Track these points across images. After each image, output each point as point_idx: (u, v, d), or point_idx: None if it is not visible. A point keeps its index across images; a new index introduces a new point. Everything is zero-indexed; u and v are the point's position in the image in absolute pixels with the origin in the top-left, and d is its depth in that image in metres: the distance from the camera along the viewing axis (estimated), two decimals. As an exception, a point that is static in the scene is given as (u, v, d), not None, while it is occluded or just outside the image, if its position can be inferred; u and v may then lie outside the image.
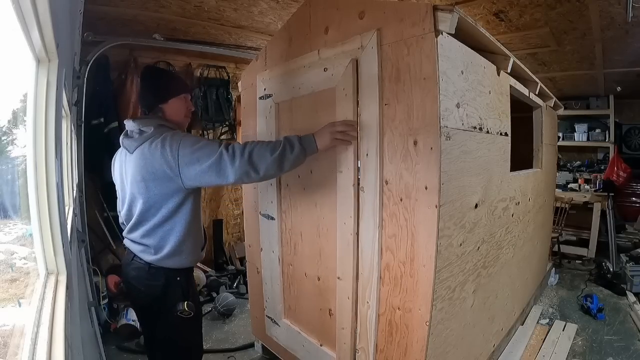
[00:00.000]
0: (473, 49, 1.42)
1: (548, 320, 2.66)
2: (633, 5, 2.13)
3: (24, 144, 0.99)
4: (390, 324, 1.37)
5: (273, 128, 1.83)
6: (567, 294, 3.17)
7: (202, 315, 1.55)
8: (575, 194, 4.28)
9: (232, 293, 3.07)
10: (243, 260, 3.75)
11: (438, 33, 1.14)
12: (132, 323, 2.42)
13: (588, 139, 4.80)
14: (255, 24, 2.80)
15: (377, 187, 1.35)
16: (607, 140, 4.65)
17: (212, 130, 3.70)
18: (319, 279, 1.67)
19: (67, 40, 1.34)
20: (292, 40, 1.73)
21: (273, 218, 1.90)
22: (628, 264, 3.17)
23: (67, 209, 1.66)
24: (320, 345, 1.70)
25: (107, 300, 2.66)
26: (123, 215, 1.40)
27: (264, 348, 2.22)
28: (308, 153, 1.31)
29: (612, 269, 3.39)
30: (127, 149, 1.31)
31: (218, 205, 3.93)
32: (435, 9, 1.13)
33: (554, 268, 3.56)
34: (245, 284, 3.02)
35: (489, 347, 1.94)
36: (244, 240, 2.35)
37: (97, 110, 2.76)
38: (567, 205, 3.94)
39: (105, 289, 2.67)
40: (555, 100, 2.89)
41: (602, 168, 4.68)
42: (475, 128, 1.45)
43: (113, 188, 1.49)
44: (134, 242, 1.34)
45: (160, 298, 1.31)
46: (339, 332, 1.57)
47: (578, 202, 4.17)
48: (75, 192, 2.12)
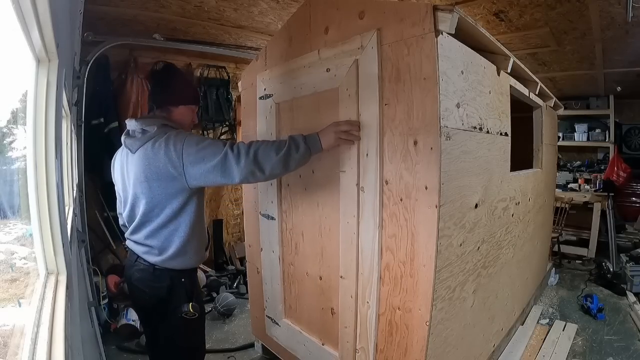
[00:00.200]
0: (473, 49, 1.42)
1: (548, 320, 2.66)
2: (633, 5, 2.14)
3: (24, 144, 0.99)
4: (390, 324, 1.37)
5: (273, 128, 1.83)
6: (567, 294, 3.17)
7: (205, 315, 1.54)
8: (575, 194, 4.29)
9: (232, 293, 3.08)
10: (243, 260, 3.75)
11: (438, 33, 1.14)
12: (132, 323, 2.42)
13: (588, 139, 4.80)
14: (255, 24, 2.80)
15: (377, 187, 1.35)
16: (607, 140, 4.66)
17: (212, 130, 3.70)
18: (321, 278, 1.67)
19: (67, 40, 1.34)
20: (292, 40, 1.73)
21: (273, 218, 1.90)
22: (628, 264, 3.17)
23: (67, 209, 1.66)
24: (322, 345, 1.70)
25: (107, 300, 2.66)
26: (125, 217, 1.37)
27: (264, 348, 2.22)
28: (313, 152, 1.31)
29: (612, 269, 3.39)
30: (129, 149, 1.29)
31: (218, 205, 3.94)
32: (436, 9, 1.13)
33: (554, 268, 3.56)
34: (246, 284, 3.02)
35: (489, 347, 1.94)
36: (244, 240, 2.35)
37: (97, 110, 2.76)
38: (567, 205, 3.94)
39: (105, 289, 2.67)
40: (555, 100, 2.89)
41: (602, 168, 4.68)
42: (476, 128, 1.45)
43: (113, 188, 1.47)
44: (138, 243, 1.32)
45: (165, 299, 1.31)
46: (342, 330, 1.57)
47: (578, 202, 4.18)
48: (75, 192, 2.12)
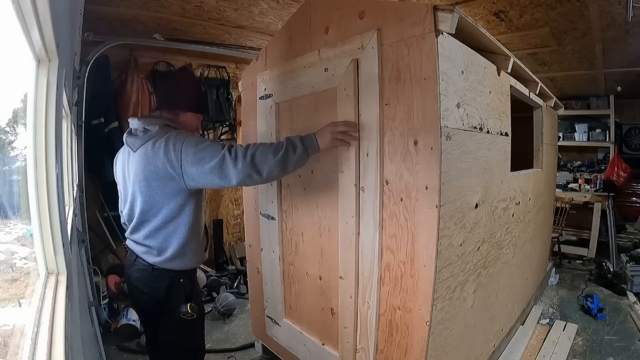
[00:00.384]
0: (473, 49, 1.42)
1: (548, 320, 2.66)
2: (633, 5, 2.13)
3: (24, 144, 0.99)
4: (391, 324, 1.37)
5: (273, 128, 1.83)
6: (567, 294, 3.16)
7: (204, 316, 1.54)
8: (576, 194, 4.28)
9: (232, 293, 3.07)
10: (243, 260, 3.75)
11: (438, 33, 1.14)
12: (132, 323, 2.43)
13: (588, 139, 4.80)
14: (256, 24, 2.80)
15: (377, 187, 1.35)
16: (607, 140, 4.65)
17: (212, 130, 3.70)
18: (321, 279, 1.67)
19: (67, 40, 1.34)
20: (292, 40, 1.73)
21: (274, 218, 1.90)
22: (628, 264, 3.17)
23: (67, 209, 1.66)
24: (323, 345, 1.70)
25: (107, 300, 2.66)
26: (125, 215, 1.38)
27: (264, 348, 2.22)
28: (310, 153, 1.31)
29: (612, 269, 3.38)
30: (130, 147, 1.30)
31: (218, 205, 3.94)
32: (436, 9, 1.13)
33: (554, 268, 3.56)
34: (246, 284, 3.02)
35: (489, 347, 1.94)
36: (244, 240, 2.35)
37: (97, 110, 2.76)
38: (567, 205, 3.94)
39: (106, 289, 2.67)
40: (556, 100, 2.89)
41: (602, 168, 4.68)
42: (476, 128, 1.45)
43: (113, 188, 1.48)
44: (137, 243, 1.33)
45: (164, 300, 1.31)
46: (342, 330, 1.57)
47: (578, 202, 4.17)
48: (76, 192, 2.12)
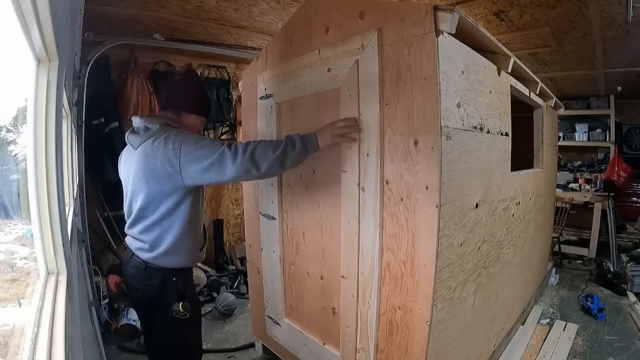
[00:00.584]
0: (473, 49, 1.42)
1: (548, 320, 2.66)
2: (633, 5, 2.13)
3: (24, 144, 0.99)
4: (391, 324, 1.37)
5: (274, 128, 1.83)
6: (567, 294, 3.16)
7: (200, 317, 1.54)
8: (576, 194, 4.28)
9: (232, 293, 3.07)
10: (243, 260, 3.76)
11: (439, 33, 1.14)
12: (132, 323, 2.42)
13: (588, 139, 4.80)
14: (256, 24, 2.80)
15: (377, 187, 1.35)
16: (607, 140, 4.65)
17: (212, 130, 3.71)
18: (322, 278, 1.67)
19: (67, 40, 1.34)
20: (292, 40, 1.73)
21: (274, 218, 1.90)
22: (628, 264, 3.17)
23: (67, 209, 1.66)
24: (324, 344, 1.70)
25: (107, 300, 2.66)
26: (125, 211, 1.41)
27: (265, 348, 2.22)
28: (310, 151, 1.33)
29: (612, 269, 3.38)
30: (131, 145, 1.33)
31: (218, 205, 3.94)
32: (436, 9, 1.13)
33: (555, 268, 3.56)
34: (246, 284, 3.02)
35: (490, 347, 1.93)
36: (245, 240, 2.35)
37: (97, 110, 2.76)
38: (567, 205, 3.94)
39: (106, 289, 2.67)
40: (556, 100, 2.89)
41: (602, 168, 4.67)
42: (476, 128, 1.45)
43: (113, 188, 1.49)
44: (134, 238, 1.35)
45: (156, 298, 1.32)
46: (343, 330, 1.57)
47: (579, 202, 4.17)
48: (76, 191, 2.12)
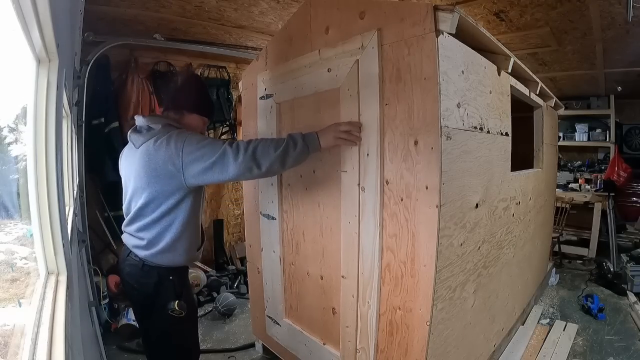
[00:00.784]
0: (474, 49, 1.42)
1: (549, 320, 2.66)
2: (633, 5, 2.13)
3: (25, 144, 0.99)
4: (391, 324, 1.37)
5: (274, 128, 1.83)
6: (567, 294, 3.16)
7: (197, 316, 1.54)
8: (576, 194, 4.28)
9: (232, 293, 3.07)
10: (243, 260, 3.75)
11: (439, 33, 1.14)
12: (132, 323, 2.42)
13: (589, 139, 4.80)
14: (256, 24, 2.80)
15: (377, 187, 1.35)
16: (607, 140, 4.65)
17: (212, 130, 3.71)
18: (322, 278, 1.67)
19: (67, 40, 1.34)
20: (292, 40, 1.73)
21: (274, 218, 1.90)
22: (629, 264, 3.17)
23: (67, 209, 1.66)
24: (324, 344, 1.70)
25: (107, 300, 2.66)
26: (124, 209, 1.41)
27: (265, 348, 2.22)
28: (311, 151, 1.34)
29: (612, 269, 3.38)
30: (133, 144, 1.33)
31: (218, 205, 3.93)
32: (436, 9, 1.13)
33: (555, 268, 3.56)
34: (246, 284, 3.02)
35: (490, 347, 1.93)
36: (245, 240, 2.35)
37: (97, 110, 2.75)
38: (567, 205, 3.94)
39: (106, 289, 2.67)
40: (556, 100, 2.89)
41: (602, 168, 4.67)
42: (476, 128, 1.45)
43: (113, 188, 1.49)
44: (131, 235, 1.35)
45: (153, 296, 1.32)
46: (343, 330, 1.57)
47: (579, 202, 4.17)
48: (76, 191, 2.12)
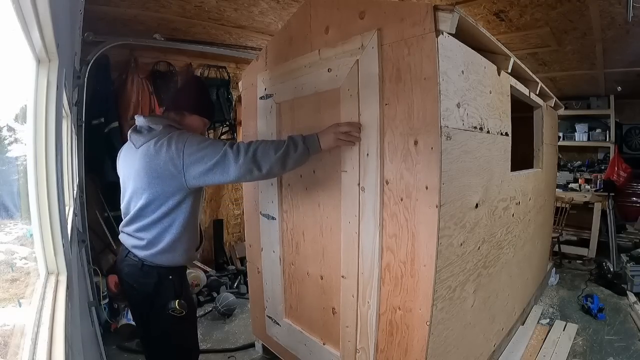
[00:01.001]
0: (473, 49, 1.42)
1: (548, 320, 2.66)
2: (633, 5, 2.13)
3: (25, 144, 0.99)
4: (391, 324, 1.37)
5: (274, 128, 1.83)
6: (567, 294, 3.16)
7: (196, 315, 1.55)
8: (576, 194, 4.28)
9: (232, 293, 3.07)
10: (243, 260, 3.75)
11: (438, 33, 1.14)
12: (132, 323, 2.42)
13: (588, 139, 4.80)
14: (256, 24, 2.80)
15: (377, 187, 1.35)
16: (607, 140, 4.65)
17: (212, 130, 3.71)
18: (322, 278, 1.67)
19: (67, 40, 1.34)
20: (292, 40, 1.73)
21: (274, 218, 1.90)
22: (628, 264, 3.17)
23: (67, 209, 1.66)
24: (323, 344, 1.70)
25: (107, 300, 2.66)
26: (122, 209, 1.40)
27: (265, 348, 2.22)
28: (312, 152, 1.34)
29: (612, 269, 3.38)
30: (133, 144, 1.33)
31: (218, 205, 3.93)
32: (436, 9, 1.13)
33: (555, 268, 3.56)
34: (246, 284, 3.02)
35: (490, 347, 1.93)
36: (245, 240, 2.35)
37: (97, 110, 2.76)
38: (567, 205, 3.94)
39: (106, 289, 2.67)
40: (556, 100, 2.89)
41: (602, 168, 4.67)
42: (476, 128, 1.45)
43: (113, 188, 1.49)
44: (129, 235, 1.34)
45: (152, 296, 1.32)
46: (343, 330, 1.57)
47: (578, 202, 4.17)
48: (76, 191, 2.12)
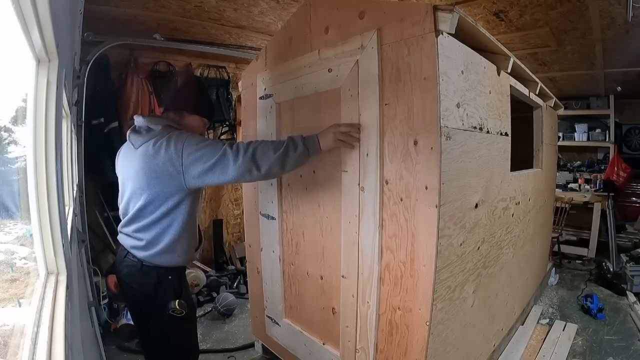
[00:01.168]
0: (473, 49, 1.42)
1: (548, 320, 2.66)
2: (633, 5, 2.13)
3: (24, 144, 0.99)
4: (391, 324, 1.37)
5: (274, 128, 1.83)
6: (567, 294, 3.17)
7: (195, 316, 1.55)
8: (576, 194, 4.28)
9: (232, 293, 3.07)
10: (243, 260, 3.75)
11: (438, 33, 1.14)
12: (132, 323, 2.42)
13: (588, 139, 4.80)
14: (256, 24, 2.80)
15: (377, 187, 1.35)
16: (607, 140, 4.65)
17: (212, 130, 3.70)
18: (322, 278, 1.67)
19: (67, 40, 1.34)
20: (292, 40, 1.73)
21: (274, 218, 1.90)
22: (628, 264, 3.17)
23: (67, 209, 1.66)
24: (323, 344, 1.70)
25: (107, 300, 2.66)
26: (121, 209, 1.40)
27: (264, 348, 2.22)
28: (311, 153, 1.33)
29: (612, 269, 3.38)
30: (132, 144, 1.32)
31: (218, 205, 3.93)
32: (436, 9, 1.13)
33: (554, 268, 3.56)
34: (246, 284, 3.02)
35: (489, 347, 1.94)
36: (244, 240, 2.35)
37: (97, 110, 2.76)
38: (567, 205, 3.94)
39: (106, 289, 2.67)
40: (556, 100, 2.89)
41: (602, 168, 4.68)
42: (476, 128, 1.45)
43: (113, 188, 1.49)
44: (128, 235, 1.35)
45: (152, 296, 1.32)
46: (343, 330, 1.57)
47: (578, 202, 4.17)
48: (76, 192, 2.12)
